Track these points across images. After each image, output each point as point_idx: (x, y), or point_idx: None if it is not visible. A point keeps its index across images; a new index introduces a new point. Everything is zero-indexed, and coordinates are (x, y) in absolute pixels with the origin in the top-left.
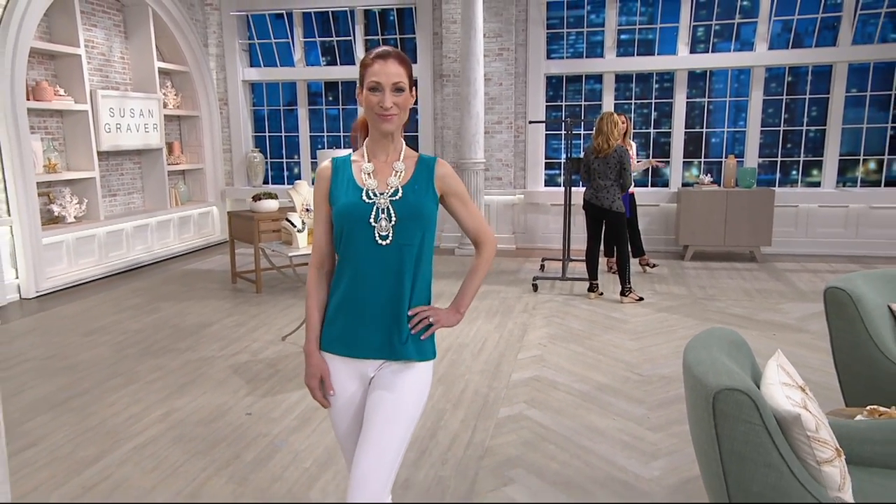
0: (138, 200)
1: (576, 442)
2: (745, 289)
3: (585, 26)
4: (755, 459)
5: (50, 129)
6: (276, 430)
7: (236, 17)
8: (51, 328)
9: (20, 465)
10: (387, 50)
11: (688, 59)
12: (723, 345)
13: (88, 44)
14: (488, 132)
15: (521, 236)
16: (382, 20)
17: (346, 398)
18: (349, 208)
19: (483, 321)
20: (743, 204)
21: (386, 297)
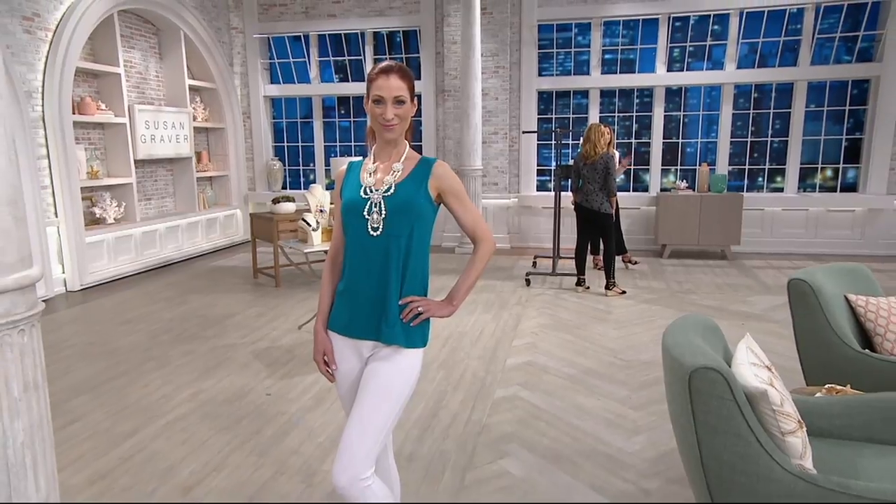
0: (170, 204)
1: (565, 420)
2: (717, 283)
3: (573, 47)
4: (726, 431)
5: (93, 139)
6: (292, 408)
7: (259, 39)
8: (93, 318)
9: (66, 437)
10: (390, 65)
11: (665, 76)
12: (698, 329)
13: (127, 63)
14: (485, 142)
15: (515, 236)
16: (390, 41)
17: (351, 376)
18: (349, 203)
19: (481, 312)
20: (715, 207)
21: (375, 284)
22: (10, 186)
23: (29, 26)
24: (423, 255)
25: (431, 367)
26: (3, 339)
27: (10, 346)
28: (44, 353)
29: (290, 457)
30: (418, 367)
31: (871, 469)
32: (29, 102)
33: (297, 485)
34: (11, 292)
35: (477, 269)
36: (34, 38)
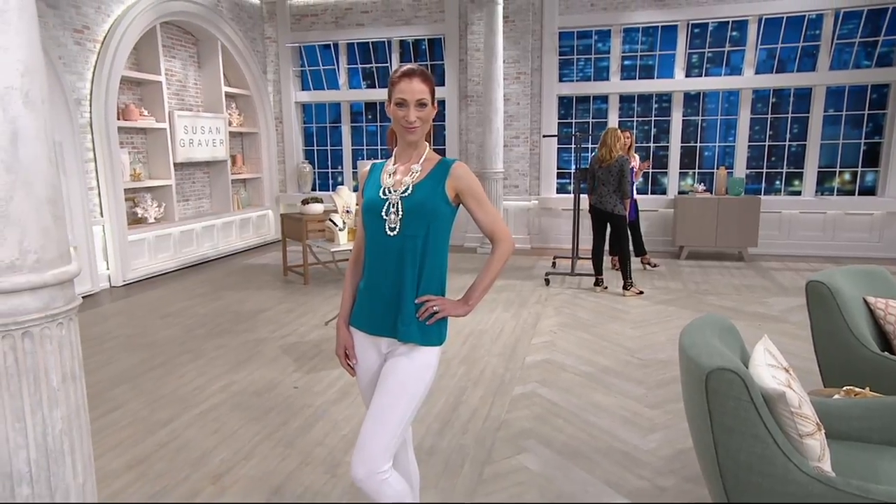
0: (207, 204)
1: (582, 417)
2: (734, 285)
3: (593, 53)
4: (743, 432)
5: (136, 144)
6: (318, 401)
7: (291, 48)
8: (134, 311)
9: (106, 424)
10: (412, 68)
11: (683, 82)
12: (715, 330)
13: (168, 72)
14: (507, 146)
15: (535, 237)
16: (415, 48)
17: (371, 371)
18: (368, 203)
19: (501, 311)
20: (732, 209)
21: (392, 282)
22: (50, 187)
23: (79, 38)
24: (440, 255)
25: (453, 363)
26: (43, 331)
27: (49, 339)
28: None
29: (315, 448)
30: (434, 365)
31: (891, 472)
32: (78, 109)
33: (320, 475)
34: (51, 287)
35: (494, 270)
36: (84, 49)
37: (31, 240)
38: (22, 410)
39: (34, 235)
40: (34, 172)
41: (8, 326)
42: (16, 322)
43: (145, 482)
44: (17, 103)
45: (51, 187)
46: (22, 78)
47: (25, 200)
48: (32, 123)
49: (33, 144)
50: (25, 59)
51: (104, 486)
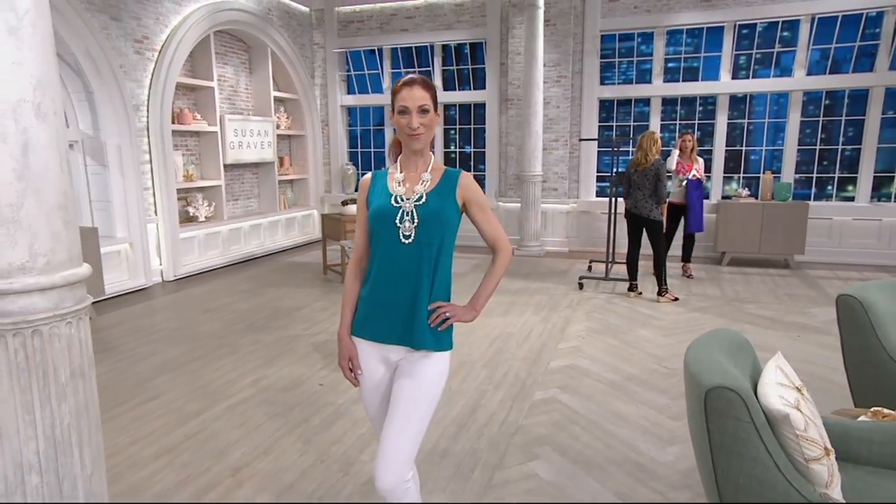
0: (255, 204)
1: (600, 425)
2: (776, 293)
3: (635, 56)
4: (742, 454)
5: (189, 146)
6: (341, 399)
7: (337, 53)
8: (182, 305)
9: (143, 413)
10: (413, 77)
11: (729, 84)
12: (723, 345)
13: (221, 78)
14: (546, 149)
15: (573, 240)
16: (457, 53)
17: (375, 380)
18: (379, 211)
19: (531, 314)
20: (778, 215)
21: (406, 290)
22: (61, 194)
23: (139, 48)
24: (449, 262)
25: (476, 365)
26: (52, 330)
27: (58, 337)
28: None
29: (333, 446)
30: (447, 369)
31: None
32: (136, 114)
33: (334, 473)
34: (59, 288)
35: (497, 276)
36: (143, 57)
37: (41, 243)
38: (31, 404)
39: (44, 239)
40: (45, 180)
41: (19, 325)
42: (26, 321)
43: (170, 471)
44: (29, 115)
45: (61, 194)
46: (34, 91)
47: (36, 206)
48: (44, 134)
49: (44, 154)
50: (38, 74)
51: (133, 473)
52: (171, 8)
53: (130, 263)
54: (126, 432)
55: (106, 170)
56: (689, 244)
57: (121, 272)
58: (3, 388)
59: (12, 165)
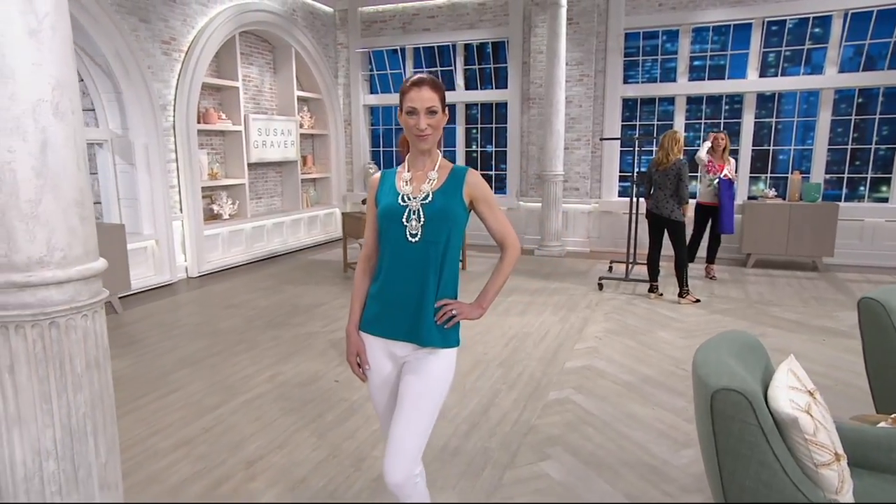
0: (278, 202)
1: (613, 427)
2: (803, 296)
3: (660, 54)
4: (749, 457)
5: (214, 145)
6: (355, 396)
7: (360, 53)
8: (205, 301)
9: (164, 405)
10: (422, 78)
11: (757, 82)
12: (734, 347)
13: (245, 78)
14: (568, 148)
15: (594, 240)
16: (479, 52)
17: (383, 376)
18: (387, 209)
19: (549, 314)
20: (806, 216)
21: (413, 288)
22: (77, 190)
23: (166, 49)
24: (456, 260)
25: (491, 364)
26: (68, 322)
27: (74, 329)
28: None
29: (345, 441)
30: (454, 365)
31: None
32: (163, 114)
33: (346, 468)
34: (76, 282)
35: (504, 274)
36: (170, 58)
37: (58, 238)
38: (49, 393)
39: (61, 234)
40: (62, 177)
41: (37, 316)
42: (43, 313)
43: (187, 463)
44: (47, 114)
45: (78, 191)
46: (53, 91)
47: (54, 202)
48: (62, 132)
49: (62, 152)
50: (57, 75)
51: (151, 464)
52: (197, 9)
53: (156, 259)
54: (146, 424)
55: (133, 168)
56: (714, 245)
57: (147, 268)
58: (23, 378)
59: (31, 163)
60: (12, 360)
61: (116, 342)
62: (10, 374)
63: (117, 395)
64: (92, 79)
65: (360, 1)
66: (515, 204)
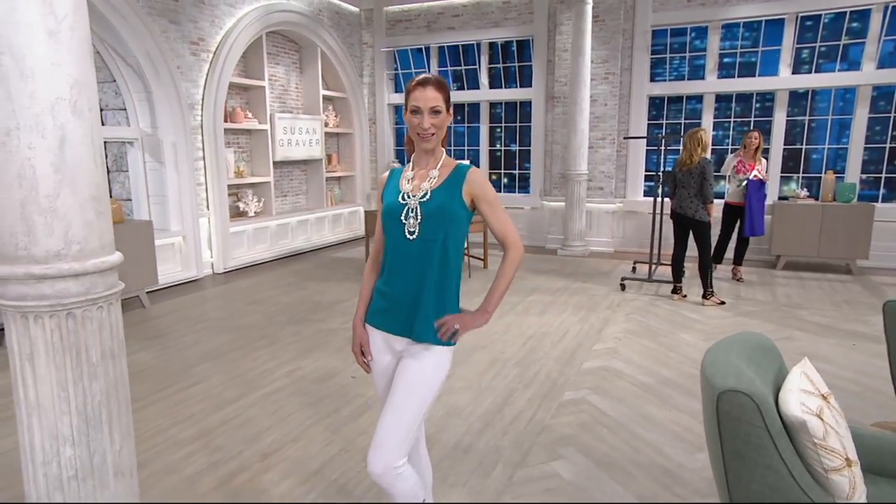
0: (302, 200)
1: (629, 428)
2: (834, 300)
3: (688, 51)
4: (755, 460)
5: (241, 144)
6: (371, 392)
7: (385, 52)
8: (229, 297)
9: (185, 398)
10: (426, 77)
11: (789, 79)
12: (746, 349)
13: (272, 77)
14: (592, 147)
15: (619, 241)
16: (504, 50)
17: (382, 366)
18: (388, 208)
19: (569, 314)
20: (840, 217)
21: (411, 284)
22: (94, 186)
23: (195, 49)
24: (457, 258)
25: (508, 364)
26: (84, 313)
27: (90, 320)
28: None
29: (358, 437)
30: (448, 364)
31: None
32: (191, 113)
33: (357, 462)
34: (91, 274)
35: (508, 276)
36: (198, 59)
37: (75, 232)
38: (65, 381)
39: (78, 228)
40: (79, 173)
41: (54, 307)
42: (61, 304)
43: (204, 453)
44: (65, 112)
45: (94, 186)
46: (71, 90)
47: (71, 197)
48: (79, 129)
49: (79, 148)
50: (75, 74)
51: (171, 453)
52: (226, 10)
53: (183, 255)
54: (168, 415)
55: (162, 166)
56: (742, 247)
57: (174, 263)
58: (41, 366)
59: (50, 159)
60: (32, 349)
61: (143, 335)
62: (29, 362)
63: (142, 386)
64: (124, 79)
65: (386, 0)
66: (539, 203)
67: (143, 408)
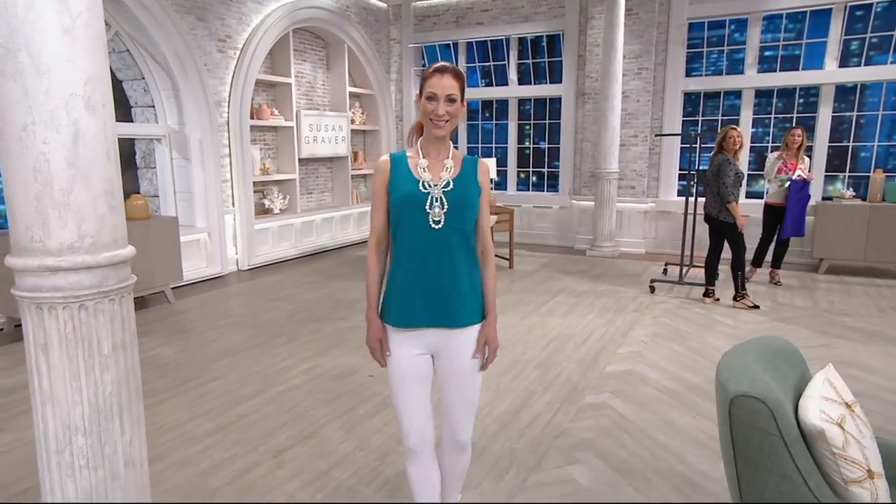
0: (328, 198)
1: (650, 434)
2: (880, 306)
3: (726, 45)
4: (769, 468)
5: (267, 141)
6: (387, 391)
7: (413, 48)
8: (252, 294)
9: (203, 393)
10: (444, 65)
11: (836, 73)
12: (765, 353)
13: (298, 74)
14: (624, 145)
15: (650, 242)
16: (534, 45)
17: (408, 362)
18: (408, 197)
19: (594, 316)
20: (889, 219)
21: (445, 274)
22: (107, 180)
23: (222, 46)
24: (475, 243)
25: (528, 365)
26: (96, 305)
27: (102, 312)
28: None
29: (373, 435)
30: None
31: None
32: (217, 110)
33: (371, 461)
34: (104, 267)
35: (494, 279)
36: (225, 56)
37: (88, 225)
38: (78, 372)
39: (91, 222)
40: (93, 167)
41: (67, 299)
42: (73, 296)
43: (219, 448)
44: (79, 107)
45: (107, 181)
46: (85, 86)
47: (84, 191)
48: (93, 125)
49: (92, 143)
50: (89, 70)
51: (188, 447)
52: (253, 7)
53: (208, 252)
54: (187, 409)
55: (189, 163)
56: (781, 249)
57: (199, 260)
58: (55, 356)
59: (64, 153)
60: (46, 340)
61: (167, 330)
62: (44, 352)
63: (163, 380)
64: (153, 76)
65: None
66: (568, 202)
67: (163, 402)
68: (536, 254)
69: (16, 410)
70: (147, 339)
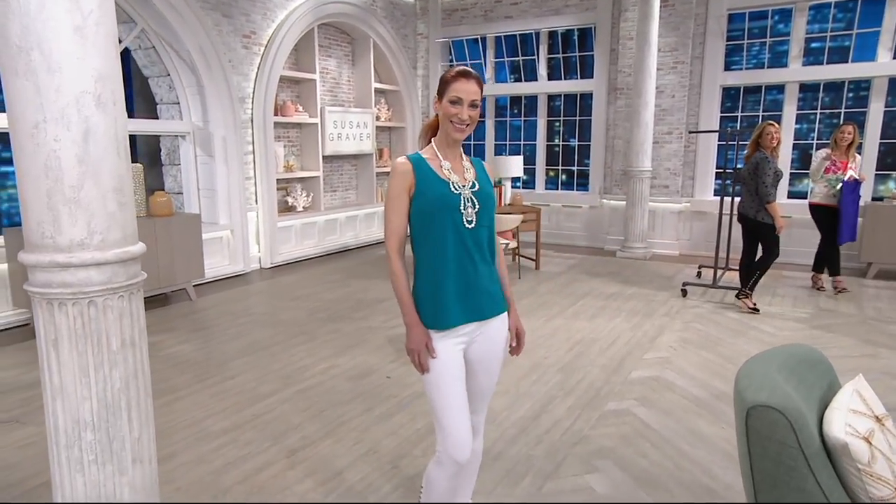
0: (352, 196)
1: (674, 444)
2: None
3: (768, 36)
4: (787, 483)
5: (291, 137)
6: (405, 393)
7: (440, 43)
8: (273, 292)
9: (220, 391)
10: (468, 70)
11: (890, 64)
12: (790, 362)
13: (323, 70)
14: (657, 142)
15: (684, 243)
16: (565, 40)
17: (459, 366)
18: (443, 199)
19: (622, 320)
20: None
21: (482, 269)
22: (117, 177)
23: (246, 42)
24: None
25: (550, 369)
26: (105, 302)
27: (111, 308)
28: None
29: (388, 437)
30: None
31: None
32: (241, 106)
33: (383, 464)
34: (113, 264)
35: (506, 268)
36: (250, 52)
37: (97, 222)
38: (87, 368)
39: (100, 219)
40: (103, 165)
41: (76, 295)
42: (83, 292)
43: (233, 447)
44: (90, 105)
45: (117, 178)
46: (95, 84)
47: (94, 188)
48: (103, 122)
49: (103, 141)
50: (100, 68)
51: (202, 445)
52: (278, 3)
53: (231, 249)
54: (204, 407)
55: (212, 160)
56: (833, 255)
57: (222, 257)
58: (65, 352)
59: (74, 151)
60: (56, 335)
61: (187, 327)
62: (54, 347)
63: (182, 377)
64: (178, 73)
65: None
66: (598, 202)
67: (181, 399)
68: (564, 255)
69: (37, 404)
70: (167, 336)
